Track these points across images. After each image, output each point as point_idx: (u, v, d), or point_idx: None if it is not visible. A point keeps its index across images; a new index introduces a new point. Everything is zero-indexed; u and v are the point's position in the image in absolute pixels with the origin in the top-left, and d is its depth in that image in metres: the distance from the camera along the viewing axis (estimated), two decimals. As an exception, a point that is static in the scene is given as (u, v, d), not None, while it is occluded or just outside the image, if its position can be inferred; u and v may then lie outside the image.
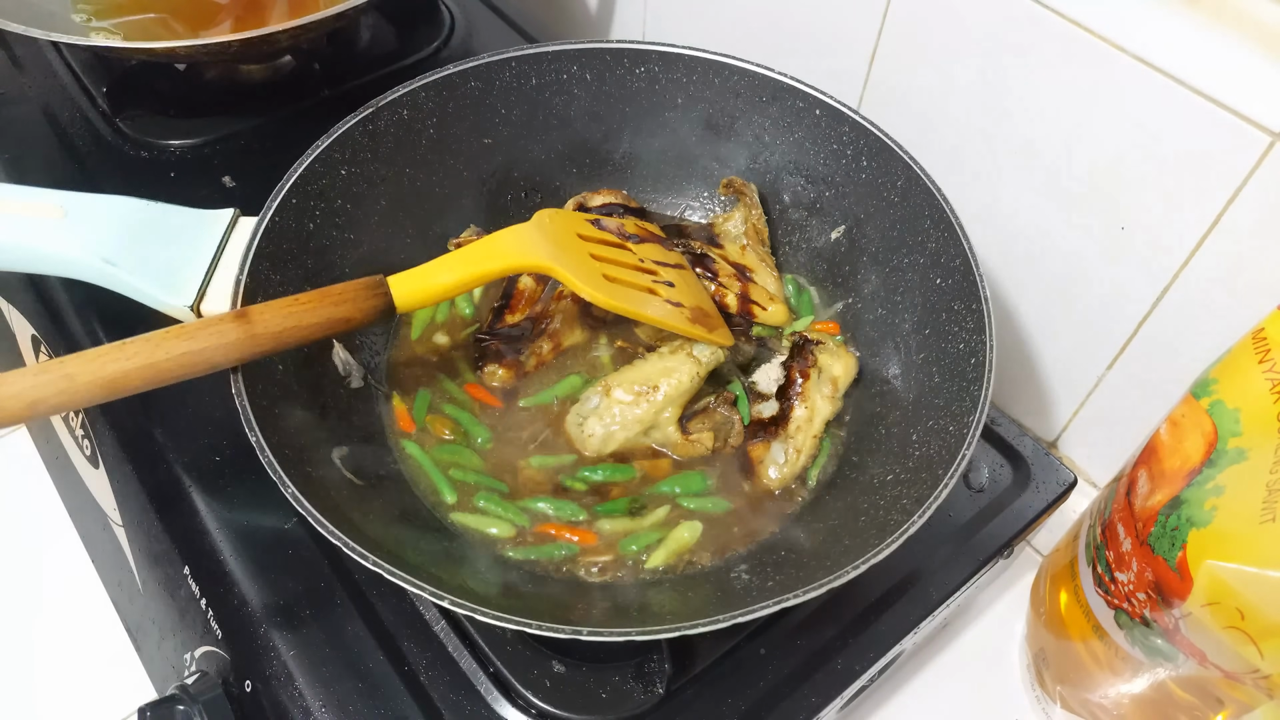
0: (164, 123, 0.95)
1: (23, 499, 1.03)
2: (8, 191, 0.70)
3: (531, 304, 0.79)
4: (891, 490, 0.65)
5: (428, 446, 0.72)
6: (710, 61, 0.80)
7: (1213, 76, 0.61)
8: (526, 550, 0.67)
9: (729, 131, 0.84)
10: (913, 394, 0.71)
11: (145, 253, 0.69)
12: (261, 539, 0.68)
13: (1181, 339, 0.72)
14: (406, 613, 0.65)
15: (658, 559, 0.67)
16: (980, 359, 0.64)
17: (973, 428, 0.60)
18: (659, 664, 0.62)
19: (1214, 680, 0.55)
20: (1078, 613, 0.65)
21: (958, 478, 0.58)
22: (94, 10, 0.99)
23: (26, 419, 0.54)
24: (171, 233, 0.70)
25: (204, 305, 0.68)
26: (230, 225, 0.71)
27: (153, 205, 0.71)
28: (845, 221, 0.79)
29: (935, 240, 0.71)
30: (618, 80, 0.83)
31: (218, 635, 0.67)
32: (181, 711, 0.64)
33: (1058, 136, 0.72)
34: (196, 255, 0.69)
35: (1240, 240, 0.65)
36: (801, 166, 0.81)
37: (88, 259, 0.68)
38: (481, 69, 0.79)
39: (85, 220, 0.69)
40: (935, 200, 0.70)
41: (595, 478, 0.70)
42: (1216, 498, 0.52)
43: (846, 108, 0.76)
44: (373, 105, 0.75)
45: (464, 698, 0.62)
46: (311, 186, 0.72)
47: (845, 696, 0.64)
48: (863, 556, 0.55)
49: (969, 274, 0.67)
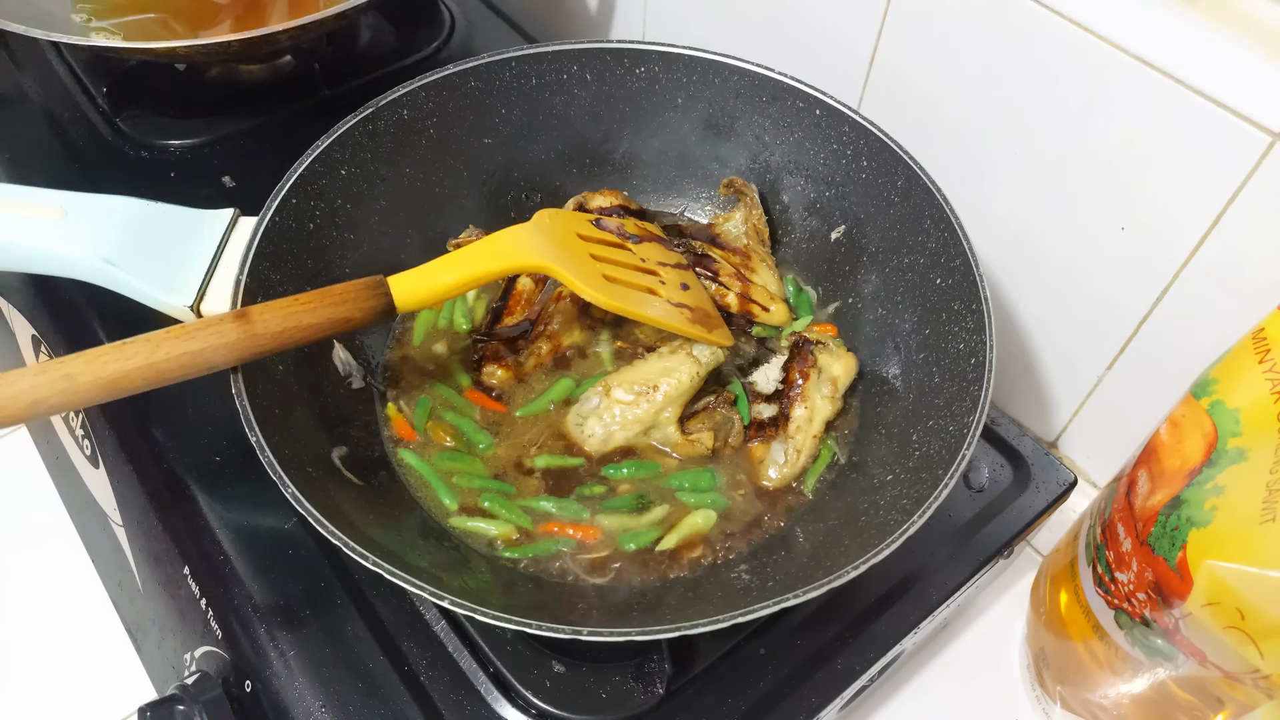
0: (164, 123, 0.95)
1: (23, 499, 1.03)
2: (8, 191, 0.70)
3: (530, 305, 0.79)
4: (891, 490, 0.65)
5: (429, 455, 0.72)
6: (710, 61, 0.80)
7: (1213, 76, 0.61)
8: (525, 549, 0.67)
9: (729, 131, 0.84)
10: (913, 394, 0.71)
11: (145, 253, 0.69)
12: (261, 539, 0.68)
13: (1181, 339, 0.72)
14: (406, 613, 0.65)
15: (669, 543, 0.67)
16: (980, 359, 0.64)
17: (973, 428, 0.60)
18: (659, 664, 0.62)
19: (1214, 680, 0.55)
20: (1078, 613, 0.65)
21: (958, 478, 0.58)
22: (94, 10, 0.99)
23: (27, 419, 0.54)
24: (171, 233, 0.70)
25: (204, 305, 0.68)
26: (230, 225, 0.71)
27: (152, 205, 0.71)
28: (845, 221, 0.79)
29: (935, 240, 0.71)
30: (618, 80, 0.83)
31: (218, 635, 0.67)
32: (181, 711, 0.64)
33: (1058, 136, 0.72)
34: (196, 255, 0.69)
35: (1240, 240, 0.65)
36: (801, 166, 0.81)
37: (88, 259, 0.68)
38: (481, 69, 0.79)
39: (85, 220, 0.69)
40: (935, 200, 0.70)
41: (620, 475, 0.71)
42: (1216, 498, 0.52)
43: (846, 108, 0.76)
44: (373, 105, 0.75)
45: (464, 698, 0.62)
46: (311, 186, 0.72)
47: (845, 696, 0.64)
48: (863, 556, 0.55)
49: (969, 274, 0.67)
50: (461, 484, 0.70)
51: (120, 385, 0.55)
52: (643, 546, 0.67)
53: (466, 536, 0.67)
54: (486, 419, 0.74)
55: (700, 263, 0.80)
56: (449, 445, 0.72)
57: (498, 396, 0.75)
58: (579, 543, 0.67)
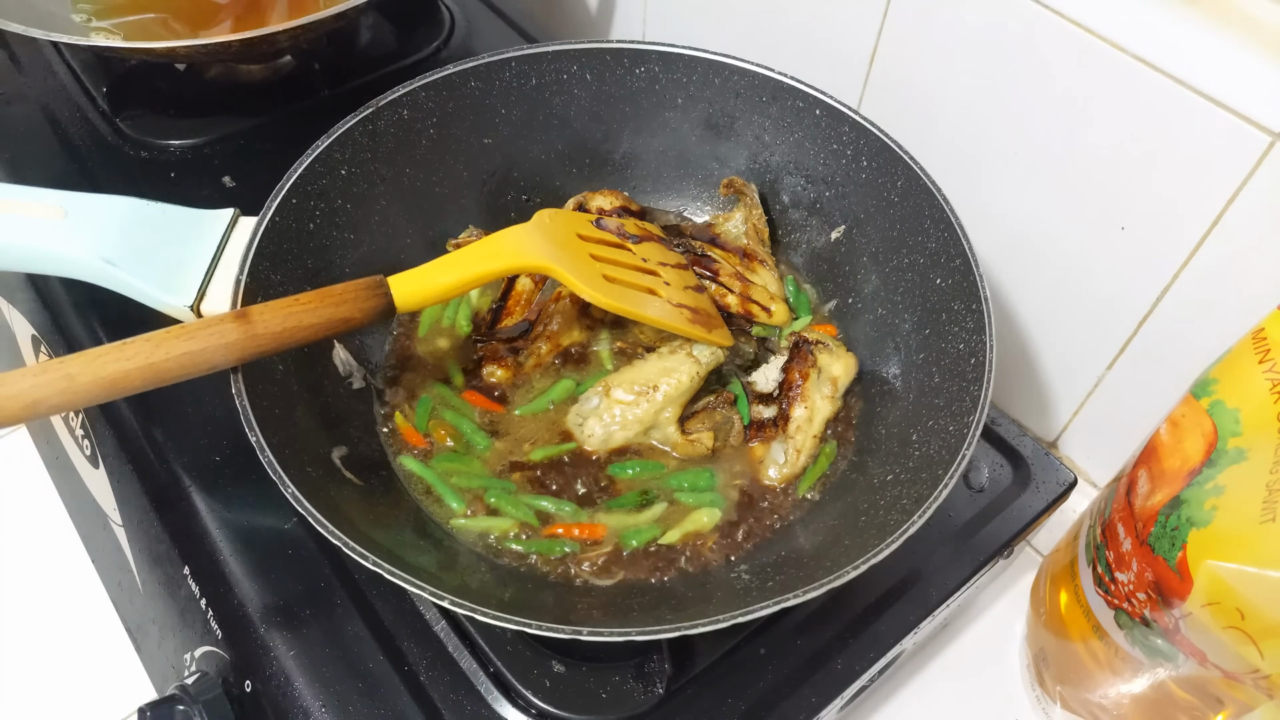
0: (164, 123, 0.95)
1: (23, 499, 1.03)
2: (8, 191, 0.70)
3: (529, 305, 0.79)
4: (891, 490, 0.65)
5: (430, 458, 0.71)
6: (710, 61, 0.81)
7: (1213, 76, 0.61)
8: (531, 543, 0.67)
9: (729, 131, 0.84)
10: (913, 394, 0.71)
11: (145, 253, 0.69)
12: (261, 539, 0.68)
13: (1181, 339, 0.72)
14: (406, 613, 0.65)
15: (672, 537, 0.67)
16: (980, 359, 0.64)
17: (973, 428, 0.60)
18: (659, 664, 0.62)
19: (1214, 680, 0.55)
20: (1078, 613, 0.65)
21: (958, 478, 0.58)
22: (94, 10, 0.99)
23: (27, 419, 0.54)
24: (171, 232, 0.70)
25: (204, 305, 0.68)
26: (230, 225, 0.71)
27: (152, 205, 0.71)
28: (845, 221, 0.79)
29: (935, 240, 0.71)
30: (618, 80, 0.83)
31: (218, 635, 0.67)
32: (181, 711, 0.64)
33: (1058, 136, 0.72)
34: (196, 255, 0.69)
35: (1240, 240, 0.65)
36: (801, 166, 0.81)
37: (88, 259, 0.67)
38: (482, 69, 0.79)
39: (85, 220, 0.69)
40: (935, 200, 0.70)
41: (625, 474, 0.71)
42: (1216, 498, 0.52)
43: (846, 108, 0.76)
44: (373, 105, 0.75)
45: (464, 698, 0.62)
46: (312, 186, 0.72)
47: (845, 696, 0.64)
48: (863, 556, 0.55)
49: (969, 274, 0.67)
50: (462, 484, 0.70)
51: (121, 385, 0.55)
52: (645, 544, 0.67)
53: (469, 536, 0.67)
54: (486, 419, 0.74)
55: (700, 263, 0.80)
56: (449, 446, 0.72)
57: (498, 396, 0.75)
58: (583, 542, 0.67)
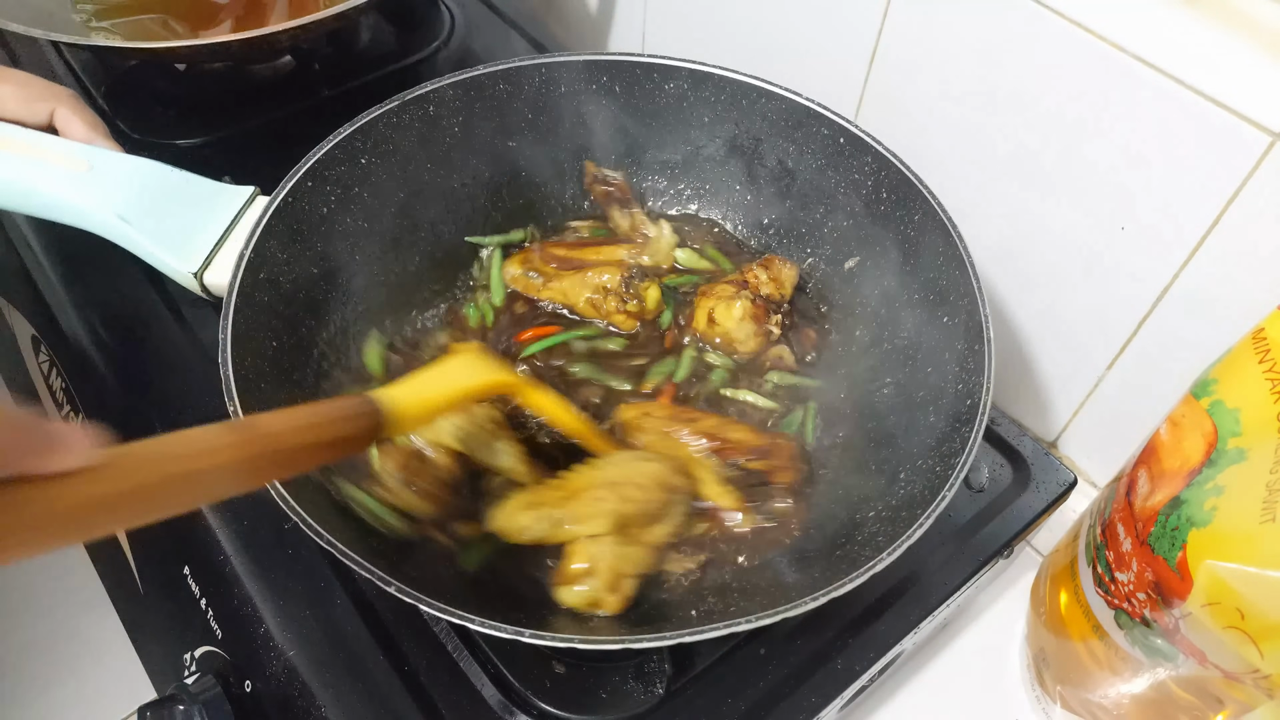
0: (164, 122, 0.95)
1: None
2: (39, 138, 0.72)
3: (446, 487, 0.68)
4: (893, 494, 0.64)
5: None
6: (739, 83, 0.80)
7: (1213, 76, 0.61)
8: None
9: (753, 154, 0.83)
10: (912, 396, 0.71)
11: (160, 215, 0.71)
12: (261, 539, 0.68)
13: (1181, 339, 0.72)
14: (406, 613, 0.65)
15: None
16: (975, 400, 0.63)
17: (973, 429, 0.60)
18: (659, 664, 0.62)
19: (1214, 680, 0.55)
20: (1078, 613, 0.65)
21: (959, 483, 0.58)
22: (94, 10, 0.99)
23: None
24: (189, 200, 0.73)
25: (207, 275, 0.69)
26: (248, 202, 0.73)
27: (176, 172, 0.74)
28: (860, 253, 0.79)
29: (946, 278, 0.70)
30: (646, 94, 0.82)
31: (218, 635, 0.67)
32: (181, 711, 0.64)
33: (1057, 136, 0.72)
34: (209, 225, 0.71)
35: (1240, 240, 0.65)
36: (823, 193, 0.80)
37: (103, 213, 0.70)
38: (512, 72, 0.79)
39: (108, 176, 0.72)
40: (951, 238, 0.69)
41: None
42: (1216, 498, 0.52)
43: (870, 137, 0.75)
44: (400, 98, 0.75)
45: (464, 698, 0.62)
46: (329, 171, 0.72)
47: (845, 697, 0.64)
48: (863, 565, 0.55)
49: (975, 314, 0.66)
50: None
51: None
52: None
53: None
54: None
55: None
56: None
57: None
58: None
